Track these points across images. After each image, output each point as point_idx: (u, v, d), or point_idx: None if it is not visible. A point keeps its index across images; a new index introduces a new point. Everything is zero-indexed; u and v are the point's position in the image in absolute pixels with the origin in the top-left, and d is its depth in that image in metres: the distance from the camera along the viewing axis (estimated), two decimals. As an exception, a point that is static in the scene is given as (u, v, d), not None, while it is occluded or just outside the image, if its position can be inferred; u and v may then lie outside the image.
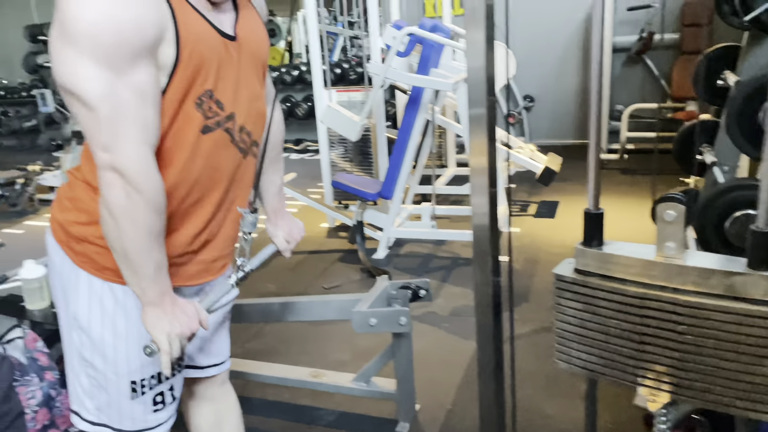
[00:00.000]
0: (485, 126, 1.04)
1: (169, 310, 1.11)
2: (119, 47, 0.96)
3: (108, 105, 0.97)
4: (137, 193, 1.02)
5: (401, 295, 1.98)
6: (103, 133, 0.99)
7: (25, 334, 1.94)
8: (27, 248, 4.09)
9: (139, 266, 1.07)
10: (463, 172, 4.83)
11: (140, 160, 1.02)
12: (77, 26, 0.94)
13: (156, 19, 0.99)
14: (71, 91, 0.98)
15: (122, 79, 0.98)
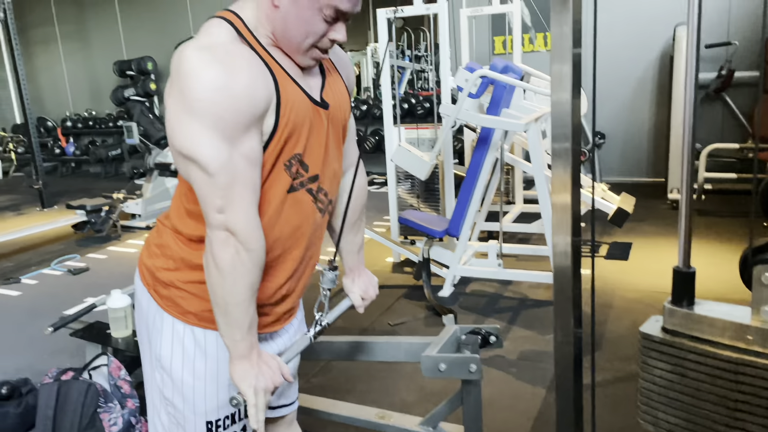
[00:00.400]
0: (569, 161, 1.01)
1: (256, 364, 1.16)
2: (236, 122, 1.03)
3: (226, 173, 1.04)
4: (246, 251, 1.08)
5: (471, 340, 1.95)
6: (219, 196, 1.06)
7: (110, 362, 2.04)
8: (109, 273, 4.32)
9: (236, 319, 1.12)
10: (530, 209, 4.76)
11: (250, 221, 1.09)
12: (199, 103, 1.01)
13: (265, 92, 1.06)
14: (191, 157, 1.05)
15: (237, 148, 1.05)
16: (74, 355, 2.99)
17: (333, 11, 1.09)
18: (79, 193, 7.32)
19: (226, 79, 1.02)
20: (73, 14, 8.91)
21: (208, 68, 1.02)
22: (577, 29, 0.96)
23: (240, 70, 1.04)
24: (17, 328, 3.41)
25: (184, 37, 8.13)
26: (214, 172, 1.04)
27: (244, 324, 1.13)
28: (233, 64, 1.04)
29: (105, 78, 8.85)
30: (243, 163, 1.06)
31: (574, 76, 1.00)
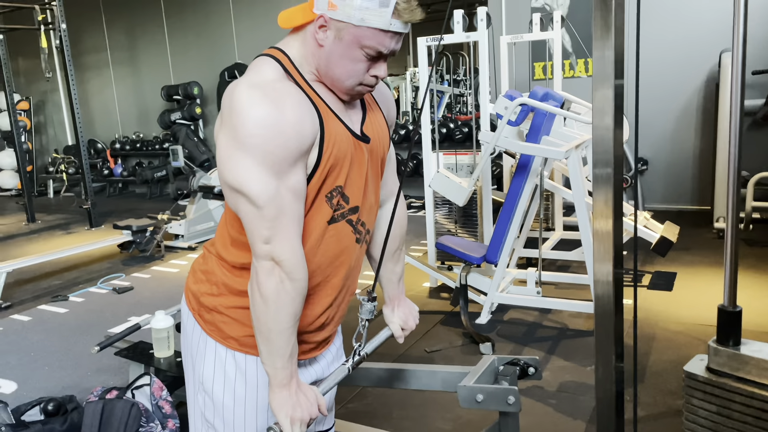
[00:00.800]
0: (611, 189, 1.00)
1: (294, 394, 1.18)
2: (284, 157, 1.07)
3: (274, 206, 1.08)
4: (290, 281, 1.12)
5: (509, 371, 1.93)
6: (266, 228, 1.09)
7: (153, 382, 2.09)
8: (152, 292, 4.43)
9: (278, 348, 1.15)
10: (570, 236, 4.70)
11: (295, 251, 1.12)
12: (250, 139, 1.06)
13: (311, 128, 1.10)
14: (240, 191, 1.09)
15: (284, 182, 1.09)
16: (117, 374, 3.07)
17: (375, 51, 1.13)
18: (125, 214, 7.55)
19: (276, 116, 1.06)
20: (125, 41, 9.29)
21: (258, 106, 1.06)
22: (620, 55, 0.96)
23: (288, 107, 1.08)
24: (64, 345, 3.52)
25: (230, 64, 8.39)
26: (263, 205, 1.07)
27: (285, 352, 1.15)
28: (282, 101, 1.08)
29: (153, 102, 9.16)
30: (289, 197, 1.09)
31: (616, 103, 1.00)
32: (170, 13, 8.73)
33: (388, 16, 1.09)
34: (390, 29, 1.11)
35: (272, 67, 1.15)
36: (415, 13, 1.11)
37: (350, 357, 1.34)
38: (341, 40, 1.12)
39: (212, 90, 8.51)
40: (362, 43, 1.11)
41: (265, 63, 1.16)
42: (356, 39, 1.11)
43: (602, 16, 0.92)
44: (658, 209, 5.80)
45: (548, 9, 6.09)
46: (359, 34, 1.11)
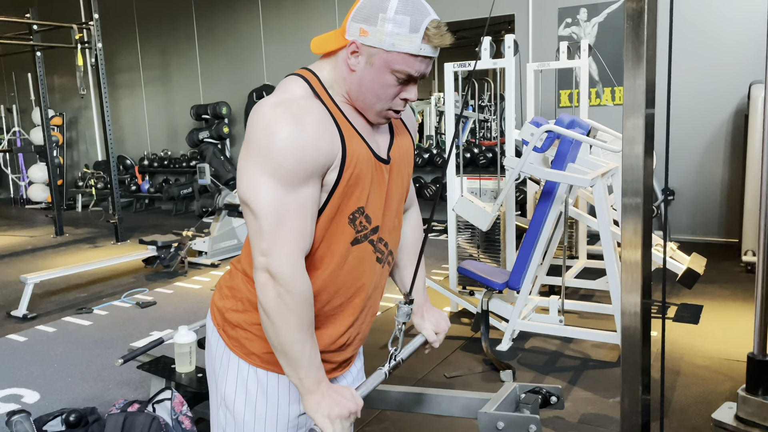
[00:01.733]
0: (640, 219, 0.99)
1: (327, 395, 1.17)
2: (296, 170, 1.09)
3: (274, 218, 1.10)
4: (288, 293, 1.12)
5: (531, 399, 1.90)
6: (264, 240, 1.11)
7: (174, 397, 2.10)
8: (174, 308, 4.47)
9: (294, 358, 1.15)
10: (593, 265, 4.64)
11: (292, 264, 1.12)
12: (266, 152, 1.09)
13: (330, 147, 1.12)
14: (246, 201, 1.12)
15: (291, 196, 1.10)
16: (138, 388, 3.09)
17: (405, 75, 1.16)
18: (150, 229, 7.67)
19: (294, 130, 1.08)
20: (158, 61, 9.53)
21: (278, 120, 1.09)
22: (651, 85, 0.97)
23: (309, 124, 1.10)
24: (87, 357, 3.56)
25: (258, 85, 8.52)
26: (263, 216, 1.09)
27: (303, 361, 1.15)
28: (303, 117, 1.11)
29: (182, 120, 9.34)
30: (294, 211, 1.10)
31: (647, 132, 1.00)
32: (202, 35, 8.95)
33: (419, 41, 1.12)
34: (420, 54, 1.13)
35: (300, 85, 1.18)
36: (444, 38, 1.14)
37: (387, 361, 1.33)
38: (372, 65, 1.14)
39: (240, 110, 8.66)
40: (393, 67, 1.14)
41: (294, 82, 1.19)
42: (387, 64, 1.14)
43: (634, 47, 0.93)
44: (685, 240, 5.72)
45: (575, 38, 6.11)
46: (390, 59, 1.13)
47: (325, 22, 7.71)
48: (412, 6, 1.12)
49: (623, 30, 0.98)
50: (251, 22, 8.42)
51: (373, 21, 1.12)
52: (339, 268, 1.22)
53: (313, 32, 7.81)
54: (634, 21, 0.91)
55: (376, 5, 1.13)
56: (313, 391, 1.17)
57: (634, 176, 0.96)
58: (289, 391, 1.30)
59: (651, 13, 0.92)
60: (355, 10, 1.16)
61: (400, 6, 1.11)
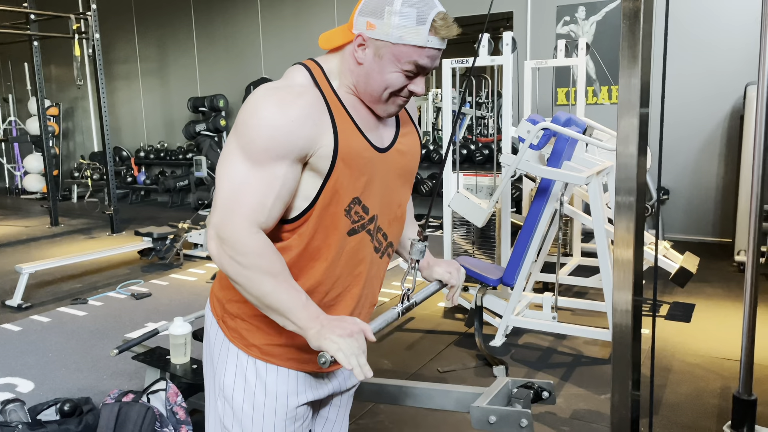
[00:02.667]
0: (633, 217, 1.01)
1: (326, 323, 1.13)
2: (267, 150, 1.11)
3: (232, 190, 1.13)
4: (239, 254, 1.12)
5: (523, 394, 1.93)
6: (218, 208, 1.14)
7: (168, 388, 2.11)
8: (169, 299, 4.47)
9: (276, 307, 1.14)
10: (587, 263, 4.67)
11: (241, 232, 1.12)
12: (243, 128, 1.13)
13: (311, 133, 1.13)
14: (217, 170, 1.16)
15: (256, 170, 1.12)
16: (132, 378, 3.10)
17: (413, 67, 1.17)
18: (146, 221, 7.66)
19: (275, 110, 1.11)
20: (155, 53, 9.49)
21: (264, 101, 1.13)
22: (646, 84, 0.98)
23: (293, 107, 1.12)
24: (82, 347, 3.57)
25: (255, 78, 8.50)
26: (221, 187, 1.13)
27: (286, 307, 1.13)
28: (290, 101, 1.13)
29: (179, 113, 9.32)
30: (256, 185, 1.11)
31: (641, 131, 1.01)
32: (200, 27, 8.92)
33: (426, 33, 1.13)
34: (427, 45, 1.14)
35: (302, 74, 1.21)
36: (451, 30, 1.15)
37: (400, 302, 1.31)
38: (380, 57, 1.16)
39: (237, 103, 8.64)
40: (400, 60, 1.15)
41: (297, 70, 1.22)
42: (394, 56, 1.15)
43: (629, 46, 0.94)
44: (678, 240, 5.75)
45: (573, 36, 6.13)
46: (397, 51, 1.15)
47: (324, 17, 7.70)
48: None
49: (620, 28, 0.99)
50: (249, 14, 8.40)
51: (379, 14, 1.14)
52: (336, 259, 1.24)
53: (312, 26, 7.80)
54: (630, 20, 0.92)
55: None
56: (312, 327, 1.13)
57: (627, 175, 0.97)
58: (287, 382, 1.31)
59: (647, 13, 0.93)
60: (362, 4, 1.17)
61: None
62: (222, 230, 1.12)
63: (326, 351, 1.10)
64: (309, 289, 1.24)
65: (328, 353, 1.09)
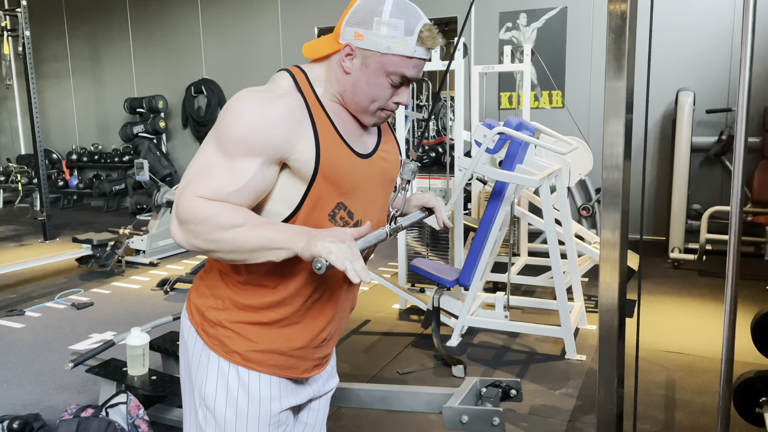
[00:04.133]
0: (619, 217, 1.06)
1: (315, 233, 1.08)
2: (239, 144, 1.12)
3: (199, 170, 1.13)
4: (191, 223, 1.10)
5: (492, 393, 1.97)
6: (181, 186, 1.14)
7: (129, 401, 2.04)
8: (113, 309, 4.30)
9: (259, 244, 1.09)
10: (534, 262, 4.82)
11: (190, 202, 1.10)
12: (220, 123, 1.14)
13: (286, 135, 1.13)
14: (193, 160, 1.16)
15: (224, 161, 1.12)
16: (81, 392, 2.97)
17: (399, 77, 1.19)
18: (80, 227, 7.33)
19: (253, 109, 1.12)
20: (87, 51, 9.10)
21: (245, 101, 1.14)
22: (630, 94, 1.03)
23: (272, 107, 1.13)
24: (22, 361, 3.38)
25: (196, 79, 8.29)
26: (191, 168, 1.14)
27: (267, 238, 1.08)
28: (270, 101, 1.14)
29: (114, 114, 8.97)
30: (220, 172, 1.11)
31: (626, 137, 1.06)
32: (136, 25, 8.62)
33: (413, 44, 1.16)
34: (414, 56, 1.17)
35: (285, 79, 1.22)
36: (436, 40, 1.18)
37: (388, 223, 1.31)
38: (367, 67, 1.18)
39: (177, 104, 8.40)
40: (388, 69, 1.17)
41: (280, 76, 1.23)
42: (382, 66, 1.17)
43: (615, 58, 0.99)
44: (616, 238, 6.01)
45: (515, 42, 6.30)
46: (385, 61, 1.17)
47: (267, 18, 7.60)
48: (405, 10, 1.16)
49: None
50: (189, 13, 8.18)
51: (368, 24, 1.16)
52: None
53: (255, 28, 7.68)
54: (617, 34, 0.97)
55: (371, 9, 1.16)
56: (299, 241, 1.08)
57: (613, 179, 1.02)
58: (270, 388, 1.30)
59: (631, 29, 0.98)
60: (349, 15, 1.19)
61: (395, 10, 1.15)
62: (178, 210, 1.11)
63: (319, 256, 1.04)
64: (293, 292, 1.24)
65: (322, 257, 1.04)
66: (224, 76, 8.02)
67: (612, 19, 0.97)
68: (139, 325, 2.50)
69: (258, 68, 7.66)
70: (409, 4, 1.18)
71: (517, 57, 5.24)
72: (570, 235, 3.67)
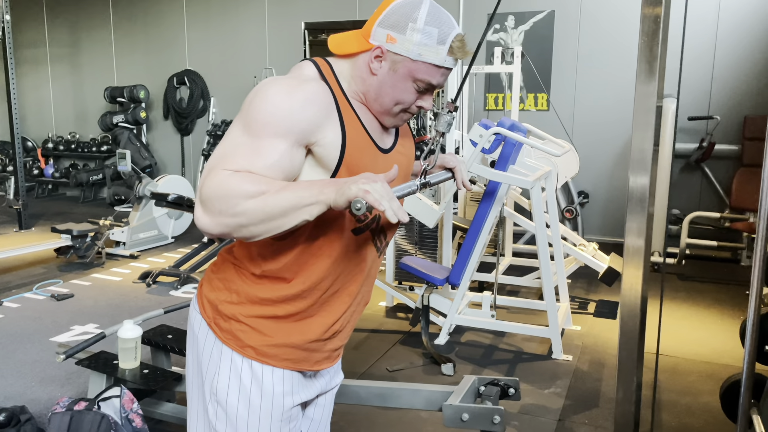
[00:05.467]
0: (644, 217, 1.07)
1: (345, 180, 1.05)
2: (266, 125, 1.10)
3: (225, 152, 1.10)
4: (223, 200, 1.05)
5: (492, 391, 1.99)
6: (208, 167, 1.11)
7: (123, 394, 2.00)
8: (94, 300, 4.22)
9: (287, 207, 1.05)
10: (519, 263, 4.86)
11: (216, 178, 1.06)
12: (247, 107, 1.13)
13: (313, 119, 1.12)
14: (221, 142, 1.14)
15: (253, 139, 1.10)
16: (65, 384, 2.91)
17: (425, 84, 1.20)
18: (56, 217, 7.17)
19: (281, 93, 1.11)
20: (67, 38, 8.89)
21: (272, 86, 1.13)
22: (661, 95, 1.04)
23: (300, 91, 1.12)
24: (2, 353, 3.30)
25: (179, 70, 8.16)
26: (216, 152, 1.12)
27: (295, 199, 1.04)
28: (298, 86, 1.13)
29: (93, 102, 8.79)
30: (246, 151, 1.09)
31: (656, 142, 1.07)
32: (118, 12, 8.45)
33: (444, 54, 1.16)
34: (443, 65, 1.17)
35: (310, 68, 1.21)
36: (465, 52, 1.19)
37: (420, 176, 1.27)
38: (396, 71, 1.18)
39: (159, 94, 8.26)
40: (415, 76, 1.18)
41: (306, 65, 1.22)
42: (410, 72, 1.17)
43: (647, 61, 1.00)
44: (596, 240, 6.10)
45: (503, 43, 6.34)
46: (414, 67, 1.17)
47: (254, 12, 7.51)
48: (439, 18, 1.16)
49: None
50: (174, 3, 8.05)
51: (402, 29, 1.15)
52: (341, 257, 1.24)
53: (241, 20, 7.59)
54: (649, 37, 0.98)
55: (406, 14, 1.16)
56: (329, 192, 1.04)
57: (641, 177, 1.04)
58: (283, 383, 1.29)
59: (664, 33, 0.99)
60: (383, 16, 1.18)
61: (430, 17, 1.15)
62: (202, 191, 1.07)
63: (356, 197, 0.99)
64: (311, 285, 1.24)
65: (360, 198, 0.99)
66: (208, 67, 7.91)
67: (645, 23, 0.99)
68: (122, 318, 2.47)
69: (243, 61, 7.58)
70: (443, 13, 1.17)
71: (506, 59, 5.28)
72: (558, 236, 3.71)
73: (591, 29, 6.00)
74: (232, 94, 7.76)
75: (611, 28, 5.93)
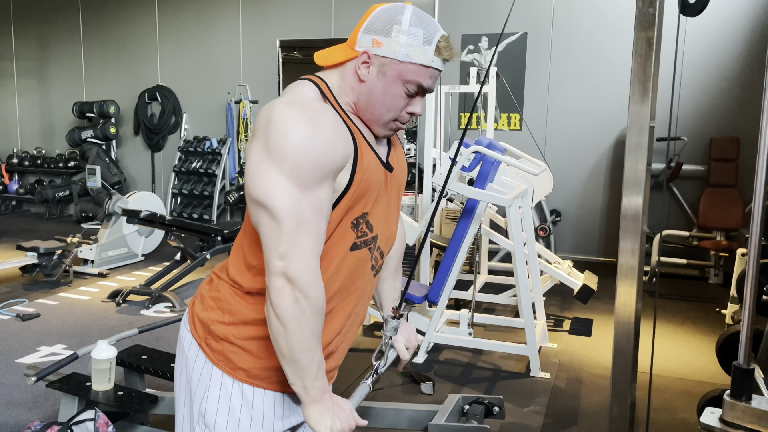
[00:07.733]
0: (638, 236, 1.08)
1: (329, 406, 1.17)
2: (313, 171, 1.08)
3: (293, 220, 1.08)
4: (305, 299, 1.09)
5: (477, 410, 1.97)
6: (283, 243, 1.08)
7: (98, 417, 1.94)
8: (62, 320, 4.09)
9: (303, 366, 1.12)
10: (494, 280, 4.88)
11: (310, 269, 1.10)
12: (283, 151, 1.07)
13: (344, 149, 1.13)
14: (262, 203, 1.09)
15: (307, 197, 1.08)
16: (32, 408, 2.80)
17: (416, 87, 1.19)
18: (20, 234, 6.97)
19: (310, 130, 1.08)
20: (35, 52, 8.72)
21: (294, 120, 1.09)
22: (653, 113, 1.07)
23: (324, 124, 1.11)
24: (-37, 375, 3.16)
25: (151, 85, 8.06)
26: (283, 218, 1.07)
27: (312, 370, 1.13)
28: (318, 118, 1.11)
29: (60, 117, 8.61)
30: (310, 212, 1.09)
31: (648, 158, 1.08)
32: (88, 27, 8.33)
33: (431, 54, 1.16)
34: (432, 65, 1.17)
35: (311, 89, 1.19)
36: (452, 52, 1.19)
37: (370, 374, 1.34)
38: (384, 75, 1.17)
39: (129, 110, 8.13)
40: (405, 78, 1.17)
41: (304, 85, 1.19)
42: (399, 74, 1.16)
43: (641, 81, 1.02)
44: (569, 258, 6.18)
45: (476, 64, 6.44)
46: (403, 69, 1.16)
47: (228, 29, 7.49)
48: (424, 20, 1.16)
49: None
50: (145, 18, 7.98)
51: (387, 32, 1.15)
52: (336, 273, 1.22)
53: (215, 37, 7.55)
54: (642, 59, 1.01)
55: (391, 18, 1.16)
56: (318, 401, 1.15)
57: (635, 194, 1.05)
58: (274, 406, 1.26)
59: (656, 55, 1.01)
60: (367, 23, 1.18)
61: (414, 19, 1.16)
62: (292, 269, 1.08)
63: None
64: None
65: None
66: (180, 83, 7.83)
67: (638, 45, 1.01)
68: (91, 338, 2.39)
69: (216, 78, 7.53)
70: (426, 16, 1.18)
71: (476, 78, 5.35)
72: (534, 254, 3.75)
73: (563, 51, 6.14)
74: (204, 111, 7.69)
75: (583, 50, 6.07)
